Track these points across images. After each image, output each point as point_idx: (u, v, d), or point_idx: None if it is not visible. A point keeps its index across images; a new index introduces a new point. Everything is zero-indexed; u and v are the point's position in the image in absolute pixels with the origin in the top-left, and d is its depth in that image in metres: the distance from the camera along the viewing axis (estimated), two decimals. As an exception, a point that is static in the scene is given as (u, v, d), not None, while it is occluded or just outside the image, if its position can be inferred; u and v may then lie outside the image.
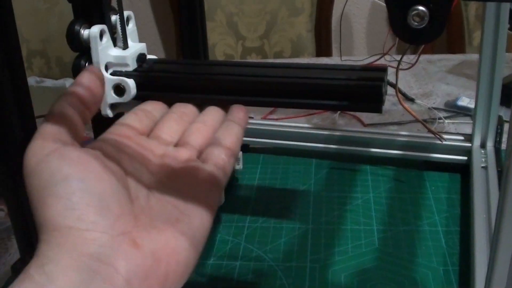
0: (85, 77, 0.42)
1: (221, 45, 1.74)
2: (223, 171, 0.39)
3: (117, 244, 0.30)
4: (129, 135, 0.40)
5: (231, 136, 0.42)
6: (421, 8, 0.31)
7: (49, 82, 1.27)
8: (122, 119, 0.43)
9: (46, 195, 0.31)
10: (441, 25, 0.31)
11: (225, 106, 0.46)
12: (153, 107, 0.45)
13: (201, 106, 0.47)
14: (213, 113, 0.44)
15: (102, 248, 0.30)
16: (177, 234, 0.33)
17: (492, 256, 0.40)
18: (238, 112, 0.44)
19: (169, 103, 0.48)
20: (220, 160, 0.39)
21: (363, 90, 0.46)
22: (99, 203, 0.31)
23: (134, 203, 0.34)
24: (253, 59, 1.74)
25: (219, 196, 0.38)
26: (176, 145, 0.41)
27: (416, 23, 0.31)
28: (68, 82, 1.23)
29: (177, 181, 0.37)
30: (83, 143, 0.98)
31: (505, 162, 0.36)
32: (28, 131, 0.48)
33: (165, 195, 0.36)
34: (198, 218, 0.35)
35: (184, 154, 0.39)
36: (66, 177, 0.31)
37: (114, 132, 0.41)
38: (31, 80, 1.26)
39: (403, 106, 0.65)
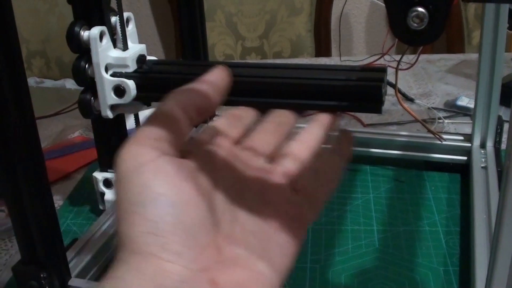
0: (214, 75, 0.36)
1: (220, 45, 1.74)
2: (319, 207, 0.36)
3: (197, 282, 0.29)
4: (223, 144, 0.37)
5: (336, 172, 0.38)
6: (420, 9, 0.31)
7: (49, 83, 1.27)
8: (215, 123, 0.39)
9: (133, 211, 0.29)
10: (440, 26, 0.31)
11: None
12: (245, 113, 0.42)
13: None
14: (314, 131, 0.41)
15: (181, 283, 0.28)
16: (257, 274, 0.31)
17: (492, 257, 0.40)
18: (347, 145, 0.41)
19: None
20: (321, 197, 0.36)
21: (362, 91, 0.46)
22: (186, 233, 0.29)
23: (219, 230, 0.32)
24: (252, 59, 1.74)
25: (306, 232, 0.36)
26: (271, 161, 0.38)
27: (415, 25, 0.31)
28: (67, 82, 1.23)
29: (266, 206, 0.34)
30: (82, 144, 0.97)
31: (505, 162, 0.36)
32: (29, 132, 0.48)
33: (250, 222, 0.33)
34: (280, 256, 0.33)
35: (279, 176, 0.36)
36: (157, 198, 0.29)
37: (207, 139, 0.37)
38: (31, 81, 1.26)
39: (402, 106, 0.65)
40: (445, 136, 0.78)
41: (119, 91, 0.54)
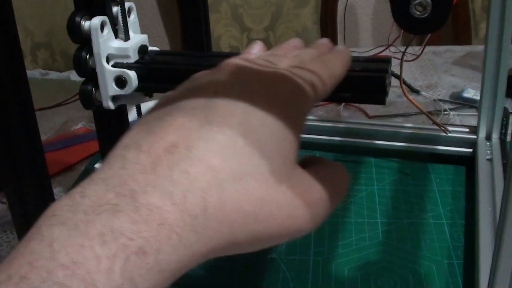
0: None
1: (226, 37, 1.74)
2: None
3: None
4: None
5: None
6: (423, -3, 0.30)
7: (53, 75, 1.27)
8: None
9: None
10: (443, 15, 0.30)
11: None
12: None
13: None
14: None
15: None
16: None
17: (496, 249, 0.39)
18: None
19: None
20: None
21: (366, 82, 0.46)
22: None
23: None
24: (258, 51, 1.73)
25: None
26: None
27: (418, 13, 0.31)
28: (72, 74, 1.23)
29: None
30: (85, 135, 0.96)
31: (510, 154, 0.36)
32: (28, 124, 0.48)
33: None
34: None
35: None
36: None
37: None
38: (36, 73, 1.26)
39: (407, 98, 0.64)
40: (450, 128, 0.77)
41: (121, 82, 0.53)
